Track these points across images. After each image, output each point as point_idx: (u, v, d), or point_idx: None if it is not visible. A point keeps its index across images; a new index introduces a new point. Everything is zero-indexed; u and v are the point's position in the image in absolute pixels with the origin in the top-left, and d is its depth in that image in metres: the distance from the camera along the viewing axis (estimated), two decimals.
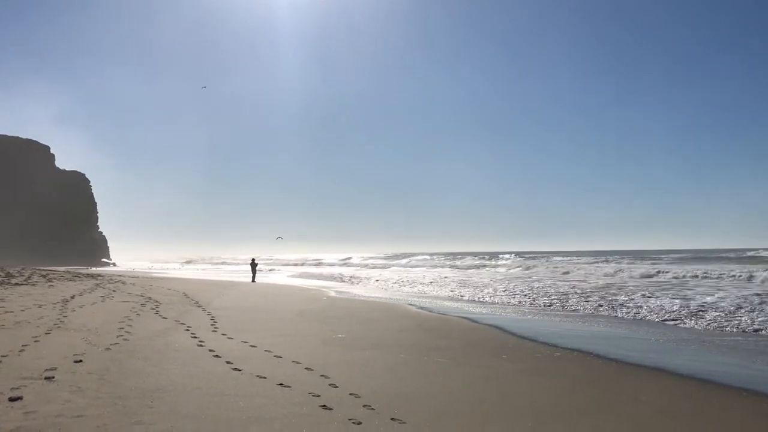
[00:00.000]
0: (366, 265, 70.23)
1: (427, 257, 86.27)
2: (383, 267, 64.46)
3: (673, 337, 11.39)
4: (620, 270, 38.24)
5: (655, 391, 6.88)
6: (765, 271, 28.28)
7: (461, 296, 22.37)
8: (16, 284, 20.94)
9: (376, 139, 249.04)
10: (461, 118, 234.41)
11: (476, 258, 74.03)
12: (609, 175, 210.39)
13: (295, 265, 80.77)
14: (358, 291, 26.22)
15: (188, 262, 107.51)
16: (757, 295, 18.96)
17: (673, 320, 14.01)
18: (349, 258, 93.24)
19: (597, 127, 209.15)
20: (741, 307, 15.65)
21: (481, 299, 20.88)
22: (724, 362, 8.97)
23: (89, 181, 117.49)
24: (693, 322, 13.58)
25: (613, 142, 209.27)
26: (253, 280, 35.10)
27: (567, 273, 39.86)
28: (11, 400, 5.25)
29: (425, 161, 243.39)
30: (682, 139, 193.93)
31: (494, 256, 76.86)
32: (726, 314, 14.39)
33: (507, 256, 72.99)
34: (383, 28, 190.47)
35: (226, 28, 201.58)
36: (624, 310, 16.19)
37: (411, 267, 62.77)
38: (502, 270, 48.25)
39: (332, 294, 23.75)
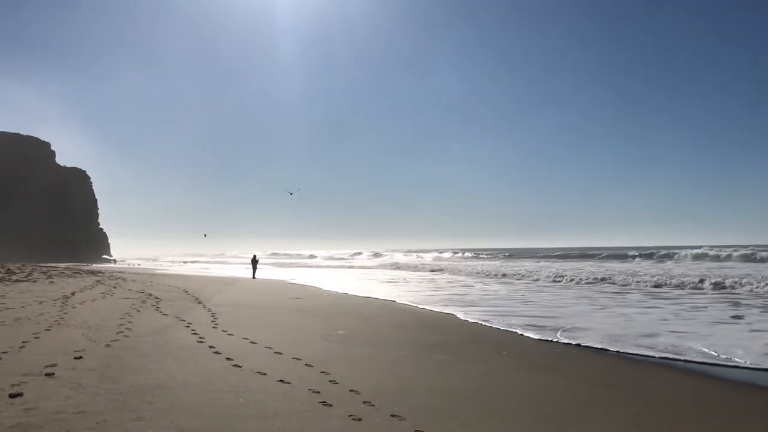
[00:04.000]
0: (297, 265, 69.44)
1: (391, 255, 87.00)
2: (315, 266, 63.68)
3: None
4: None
5: (654, 387, 6.89)
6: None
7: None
8: (17, 281, 20.95)
9: (376, 134, 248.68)
10: (459, 115, 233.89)
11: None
12: (610, 175, 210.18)
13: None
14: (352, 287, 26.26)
15: (154, 259, 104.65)
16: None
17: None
18: (314, 257, 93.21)
19: (595, 127, 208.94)
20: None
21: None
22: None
23: (90, 178, 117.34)
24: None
25: (610, 140, 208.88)
26: (254, 277, 35.15)
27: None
28: (12, 396, 5.25)
29: (422, 157, 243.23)
30: (678, 138, 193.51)
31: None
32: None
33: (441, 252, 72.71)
34: (382, 24, 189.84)
35: (225, 25, 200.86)
36: None
37: (328, 267, 61.58)
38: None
39: (332, 291, 23.76)
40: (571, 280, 27.73)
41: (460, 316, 14.24)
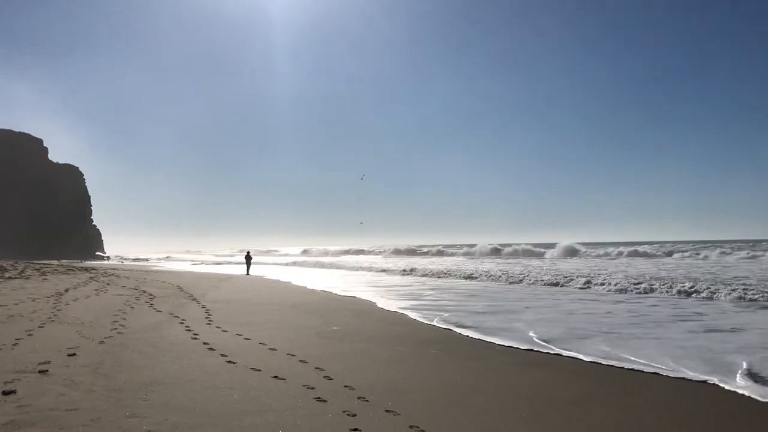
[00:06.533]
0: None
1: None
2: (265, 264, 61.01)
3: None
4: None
5: (647, 384, 6.95)
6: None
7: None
8: (10, 278, 20.84)
9: (371, 132, 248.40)
10: (453, 113, 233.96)
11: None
12: (609, 173, 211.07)
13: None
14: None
15: (136, 259, 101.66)
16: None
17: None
18: (294, 253, 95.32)
19: (595, 125, 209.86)
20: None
21: None
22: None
23: (83, 175, 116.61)
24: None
25: (607, 138, 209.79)
26: (248, 273, 35.09)
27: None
28: (5, 393, 5.24)
29: (416, 155, 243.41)
30: (675, 136, 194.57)
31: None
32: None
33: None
34: (377, 20, 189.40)
35: (219, 20, 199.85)
36: None
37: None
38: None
39: (324, 288, 23.76)
40: (528, 277, 27.22)
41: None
